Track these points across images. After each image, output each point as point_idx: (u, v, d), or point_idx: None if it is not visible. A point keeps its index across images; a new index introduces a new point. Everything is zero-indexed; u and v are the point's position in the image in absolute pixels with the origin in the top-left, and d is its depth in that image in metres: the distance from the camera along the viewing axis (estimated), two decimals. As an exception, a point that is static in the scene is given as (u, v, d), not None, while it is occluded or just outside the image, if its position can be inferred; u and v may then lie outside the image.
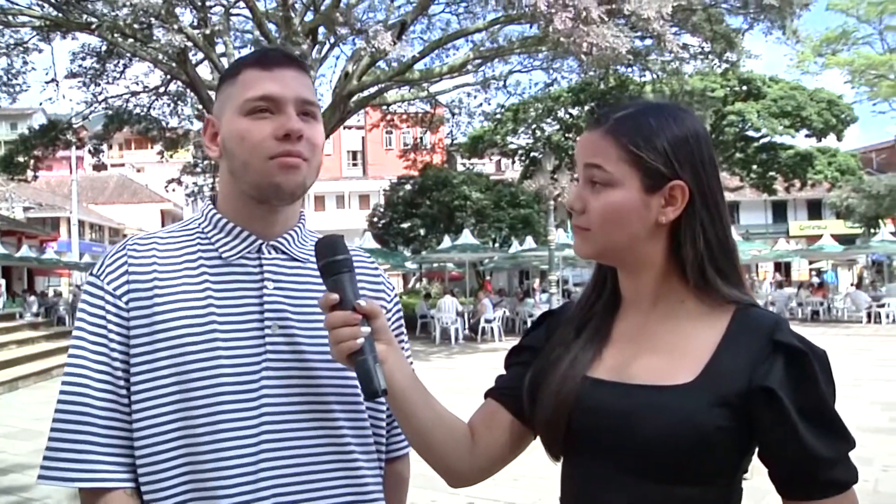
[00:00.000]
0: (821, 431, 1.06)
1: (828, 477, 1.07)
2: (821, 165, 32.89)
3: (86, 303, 1.27)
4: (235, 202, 1.32)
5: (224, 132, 1.30)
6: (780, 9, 16.26)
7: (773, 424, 1.07)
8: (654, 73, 21.24)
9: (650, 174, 1.15)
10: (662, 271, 1.20)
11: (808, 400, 1.07)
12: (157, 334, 1.22)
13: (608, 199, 1.16)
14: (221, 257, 1.30)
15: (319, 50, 17.84)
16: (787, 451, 1.07)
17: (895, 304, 22.22)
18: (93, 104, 20.98)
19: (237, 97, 1.28)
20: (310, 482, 1.24)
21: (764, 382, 1.07)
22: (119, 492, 1.19)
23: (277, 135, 1.24)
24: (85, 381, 1.22)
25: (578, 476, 1.21)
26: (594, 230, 1.19)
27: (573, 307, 1.34)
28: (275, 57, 1.31)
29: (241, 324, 1.25)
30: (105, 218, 46.77)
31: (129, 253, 1.29)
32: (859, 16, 24.92)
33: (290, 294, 1.30)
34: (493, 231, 26.60)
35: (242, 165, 1.27)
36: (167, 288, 1.25)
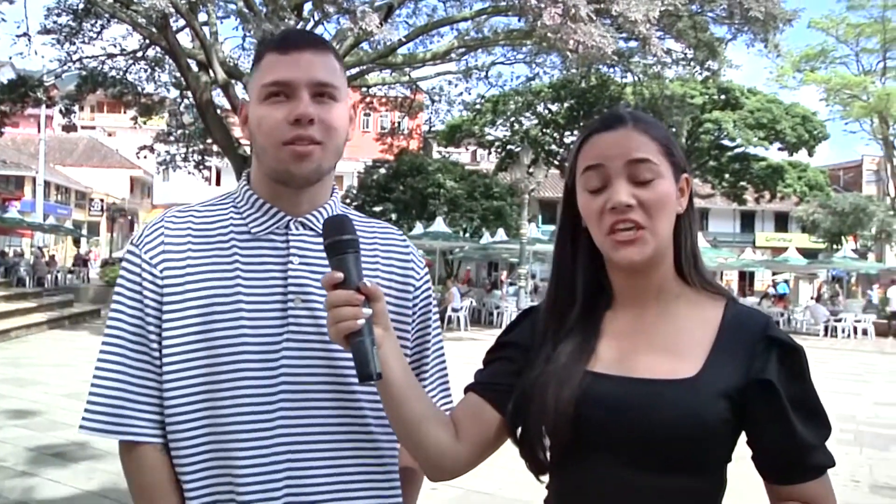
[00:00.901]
0: (808, 420, 1.15)
1: (812, 462, 1.16)
2: (791, 179, 33.42)
3: (125, 270, 1.34)
4: (263, 182, 1.37)
5: (249, 118, 1.34)
6: (765, 22, 16.45)
7: (769, 414, 1.14)
8: (635, 76, 21.40)
9: (676, 166, 1.23)
10: (670, 267, 1.24)
11: (799, 391, 1.15)
12: (188, 302, 1.29)
13: (660, 190, 1.19)
14: (251, 232, 1.35)
15: (303, 26, 17.65)
16: (779, 439, 1.15)
17: (851, 319, 22.73)
18: (66, 63, 20.50)
19: (257, 82, 1.32)
20: (324, 449, 1.29)
21: (762, 375, 1.14)
22: (150, 446, 1.29)
23: (289, 119, 1.28)
24: (122, 343, 1.30)
25: (573, 472, 1.21)
26: (650, 227, 1.18)
27: (555, 303, 1.31)
28: (294, 39, 1.34)
29: (265, 296, 1.30)
30: (72, 180, 45.83)
31: (165, 225, 1.36)
32: (838, 36, 25.33)
33: (315, 269, 1.33)
34: (464, 221, 26.58)
35: (262, 150, 1.32)
36: (199, 259, 1.32)
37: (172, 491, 1.28)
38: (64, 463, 5.59)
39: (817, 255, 32.93)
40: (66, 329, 15.95)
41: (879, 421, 8.69)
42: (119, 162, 49.49)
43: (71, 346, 12.93)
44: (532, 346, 1.29)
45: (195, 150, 24.47)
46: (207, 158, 25.04)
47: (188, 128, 23.90)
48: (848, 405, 9.62)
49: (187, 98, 21.93)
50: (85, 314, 18.36)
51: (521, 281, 20.28)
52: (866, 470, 6.41)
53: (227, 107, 19.21)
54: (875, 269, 30.43)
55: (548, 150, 32.84)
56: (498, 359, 1.33)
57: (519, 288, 20.15)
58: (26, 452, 5.90)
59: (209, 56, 16.46)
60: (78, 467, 5.48)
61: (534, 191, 20.55)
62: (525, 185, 19.73)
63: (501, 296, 23.30)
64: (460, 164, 31.44)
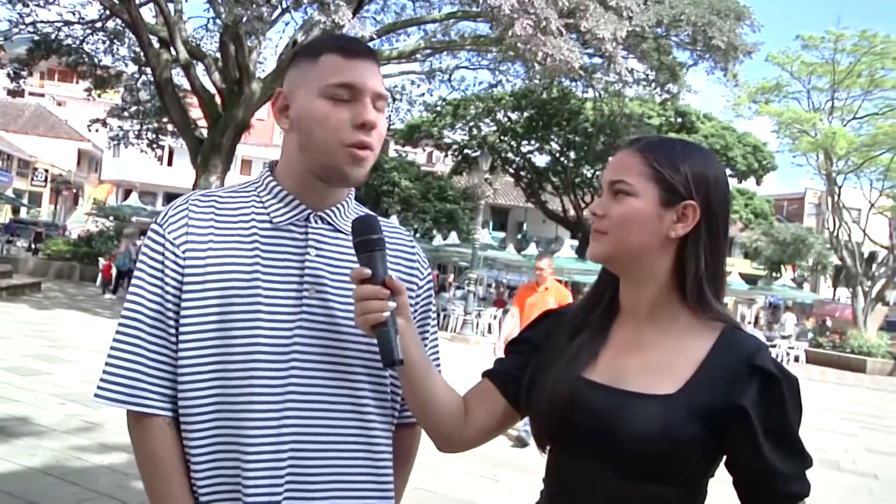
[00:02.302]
0: (782, 449, 1.20)
1: (784, 489, 1.21)
2: (738, 206, 34.32)
3: (147, 247, 1.38)
4: (295, 174, 1.41)
5: (300, 110, 1.37)
6: (726, 52, 16.94)
7: (742, 439, 1.20)
8: (597, 91, 21.73)
9: (667, 189, 1.28)
10: (664, 286, 1.31)
11: (774, 421, 1.20)
12: (208, 284, 1.34)
13: (627, 206, 1.29)
14: (272, 222, 1.40)
15: (271, 13, 17.49)
16: (751, 464, 1.20)
17: (785, 345, 23.46)
18: (18, 24, 19.71)
19: (318, 79, 1.35)
20: (327, 434, 1.36)
21: (738, 401, 1.20)
22: (160, 419, 1.33)
23: (355, 123, 1.33)
24: (140, 318, 1.35)
25: (562, 468, 1.32)
26: (610, 233, 1.30)
27: (572, 310, 1.45)
28: (357, 48, 1.38)
29: (282, 284, 1.36)
30: (16, 147, 44.39)
31: (190, 207, 1.40)
32: (793, 72, 26.06)
33: (330, 262, 1.40)
34: (416, 221, 26.70)
35: (317, 145, 1.35)
36: (221, 244, 1.37)
37: (179, 464, 1.33)
38: (5, 438, 5.44)
39: (757, 282, 33.85)
40: (4, 301, 15.45)
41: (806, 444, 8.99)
42: (67, 133, 48.18)
43: (9, 319, 12.55)
44: (545, 345, 1.40)
45: (149, 128, 23.99)
46: (162, 137, 24.60)
47: (144, 105, 23.41)
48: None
49: (146, 74, 21.52)
50: (24, 286, 17.82)
51: (471, 285, 20.42)
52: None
53: (186, 87, 18.89)
54: (810, 299, 31.47)
55: (504, 157, 33.09)
56: (513, 352, 1.46)
57: (468, 292, 20.27)
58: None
59: (172, 34, 16.23)
60: (19, 443, 5.35)
61: (489, 197, 20.70)
62: (482, 191, 19.86)
63: (449, 298, 23.40)
64: (416, 164, 31.56)
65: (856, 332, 24.21)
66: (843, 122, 26.10)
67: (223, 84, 17.18)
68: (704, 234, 1.30)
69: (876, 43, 24.02)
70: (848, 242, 26.04)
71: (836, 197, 26.03)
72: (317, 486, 1.35)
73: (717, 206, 1.30)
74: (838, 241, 26.16)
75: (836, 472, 7.77)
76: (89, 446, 5.44)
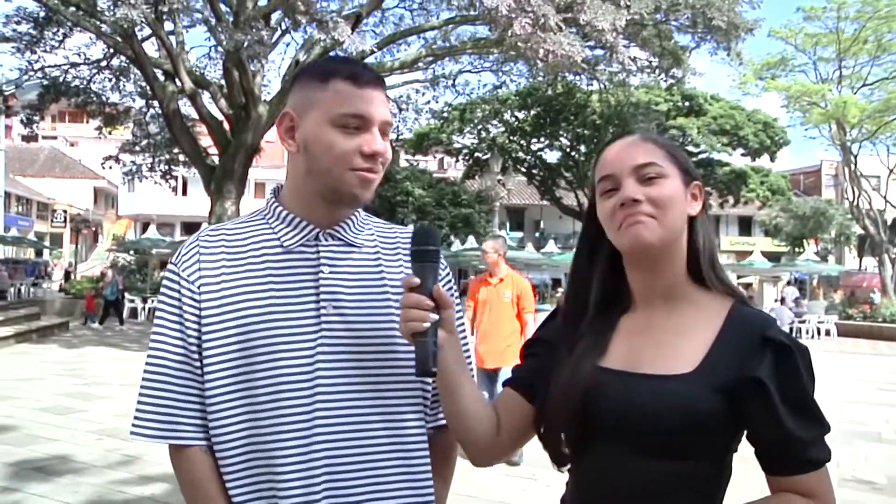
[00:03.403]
0: (800, 417, 1.23)
1: (805, 455, 1.23)
2: (754, 184, 34.05)
3: (165, 287, 1.44)
4: (304, 197, 1.45)
5: (309, 135, 1.39)
6: (727, 31, 16.81)
7: (760, 410, 1.23)
8: (601, 83, 21.64)
9: (684, 172, 1.35)
10: (681, 265, 1.35)
11: (790, 390, 1.23)
12: (225, 315, 1.38)
13: (666, 186, 1.32)
14: (283, 245, 1.43)
15: (271, 35, 17.59)
16: (771, 434, 1.23)
17: (815, 320, 23.22)
18: (27, 72, 20.05)
19: (328, 107, 1.37)
20: (360, 447, 1.37)
21: (754, 374, 1.23)
22: (196, 448, 1.38)
23: (364, 152, 1.37)
24: (165, 354, 1.40)
25: (590, 461, 1.33)
26: (659, 217, 1.30)
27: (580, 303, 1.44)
28: (367, 77, 1.40)
29: (298, 304, 1.38)
30: (34, 191, 45.00)
31: (200, 244, 1.45)
32: (797, 45, 25.88)
33: (345, 277, 1.43)
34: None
35: (325, 170, 1.39)
36: (233, 274, 1.41)
37: (219, 488, 1.37)
38: (46, 477, 5.53)
39: (780, 259, 33.54)
40: (35, 343, 15.68)
41: (844, 417, 8.91)
42: (82, 172, 48.75)
43: (41, 360, 12.73)
44: (558, 342, 1.41)
45: (161, 160, 24.16)
46: (174, 168, 24.75)
47: (154, 137, 23.57)
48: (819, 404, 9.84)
49: (153, 107, 21.67)
50: (53, 327, 18.06)
51: (492, 288, 20.34)
52: (833, 464, 6.58)
53: (194, 116, 19.04)
54: (836, 271, 31.13)
55: (515, 157, 33.05)
56: (529, 355, 1.48)
57: (490, 294, 20.20)
58: (7, 468, 5.82)
59: (176, 65, 16.35)
60: (61, 481, 5.43)
61: (503, 198, 20.68)
62: (495, 193, 19.86)
63: (472, 303, 23.35)
64: (428, 171, 31.57)
65: (886, 300, 23.93)
66: (854, 90, 25.89)
67: (230, 110, 17.29)
68: (706, 213, 1.38)
69: (880, 7, 23.81)
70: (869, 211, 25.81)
71: (853, 166, 25.79)
72: (354, 499, 1.36)
73: (703, 185, 1.38)
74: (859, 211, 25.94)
75: (879, 444, 7.70)
76: (130, 479, 5.51)
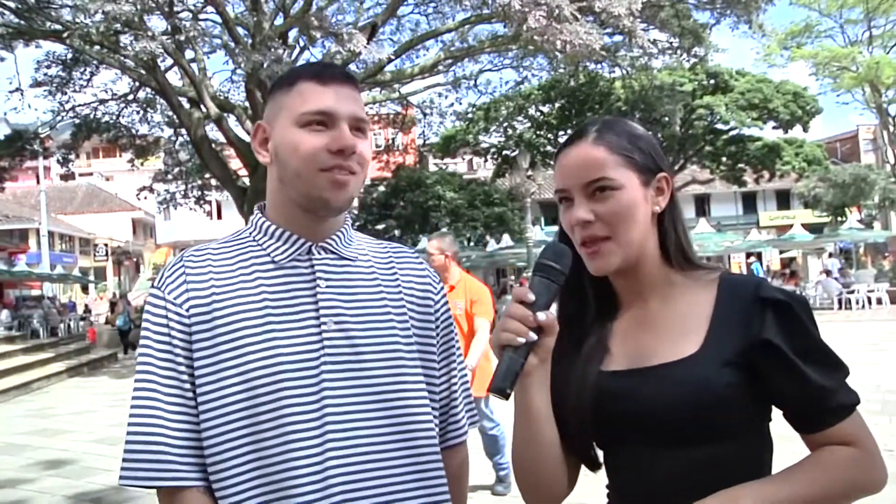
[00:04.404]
0: (818, 365, 1.19)
1: (835, 403, 1.20)
2: (788, 156, 33.38)
3: (150, 314, 1.32)
4: (284, 209, 1.38)
5: (277, 140, 1.34)
6: (746, 4, 16.56)
7: (777, 370, 1.19)
8: (623, 69, 21.42)
9: (642, 170, 1.28)
10: (655, 261, 1.31)
11: (801, 341, 1.20)
12: (219, 338, 1.28)
13: (619, 200, 1.26)
14: (274, 261, 1.35)
15: (290, 53, 17.76)
16: (795, 389, 1.19)
17: (864, 290, 22.68)
18: (59, 113, 20.66)
19: (293, 108, 1.33)
20: (375, 468, 1.28)
21: (760, 336, 1.19)
22: (193, 490, 1.25)
23: (331, 148, 1.30)
24: (154, 388, 1.27)
25: (620, 462, 1.29)
26: (614, 236, 1.26)
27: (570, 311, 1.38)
28: (331, 73, 1.36)
29: (297, 322, 1.30)
30: (75, 228, 45.98)
31: (186, 264, 1.35)
32: (821, 9, 25.40)
33: (342, 291, 1.35)
34: (468, 230, 26.66)
35: (294, 175, 1.32)
36: (224, 294, 1.31)
37: None
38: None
39: (822, 230, 32.87)
40: (86, 376, 16.00)
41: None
42: (119, 205, 49.65)
43: (92, 393, 12.98)
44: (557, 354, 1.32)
45: (194, 186, 24.57)
46: (207, 193, 25.14)
47: (185, 165, 24.02)
48: (870, 375, 9.61)
49: (182, 135, 22.05)
50: (102, 359, 18.44)
51: (530, 284, 20.25)
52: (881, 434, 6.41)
53: (221, 140, 19.31)
54: (882, 238, 30.36)
55: (543, 151, 32.89)
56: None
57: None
58: (65, 501, 5.95)
59: (200, 92, 16.59)
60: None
61: (534, 194, 20.60)
62: (526, 189, 19.78)
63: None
64: (458, 174, 31.58)
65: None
66: (886, 50, 25.24)
67: (256, 131, 17.47)
68: (674, 200, 1.33)
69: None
70: (912, 172, 25.10)
71: (892, 128, 25.15)
72: None
73: (670, 170, 1.32)
74: (901, 173, 25.23)
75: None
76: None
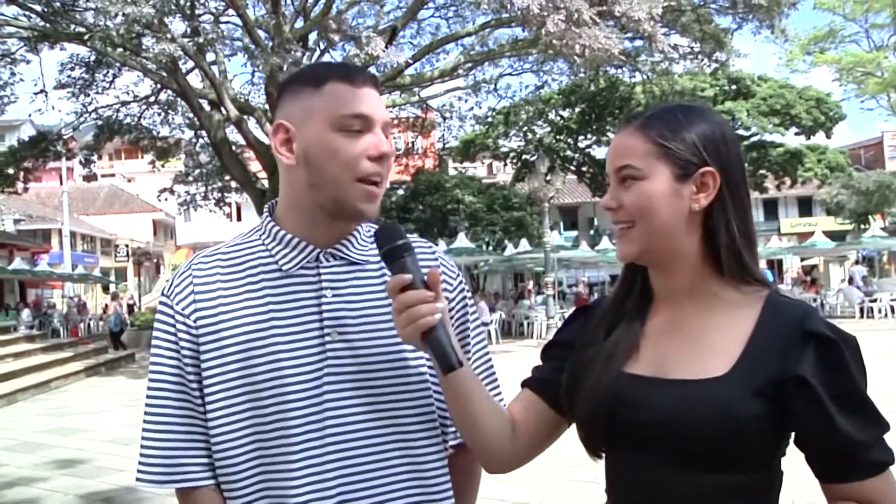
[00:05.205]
0: (854, 416, 1.11)
1: (864, 459, 1.11)
2: (811, 163, 33.03)
3: (159, 321, 1.36)
4: (302, 212, 1.35)
5: (308, 142, 1.30)
6: (769, 8, 16.37)
7: (808, 412, 1.11)
8: (644, 74, 21.33)
9: (679, 163, 1.20)
10: (697, 263, 1.23)
11: (840, 386, 1.11)
12: (225, 348, 1.30)
13: (640, 191, 1.21)
14: (281, 269, 1.35)
15: (310, 56, 17.83)
16: (823, 437, 1.11)
17: (887, 298, 22.36)
18: (82, 114, 20.91)
19: (327, 110, 1.29)
20: (374, 475, 1.30)
21: (796, 371, 1.11)
22: (205, 489, 1.31)
23: (371, 155, 1.28)
24: (164, 394, 1.33)
25: (623, 470, 1.25)
26: (637, 225, 1.22)
27: (605, 304, 1.37)
28: (362, 75, 1.33)
29: (301, 332, 1.31)
30: (97, 229, 46.49)
31: (193, 273, 1.37)
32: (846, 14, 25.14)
33: (349, 299, 1.34)
34: (486, 234, 26.58)
35: (331, 180, 1.29)
36: (230, 304, 1.33)
37: None
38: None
39: (845, 237, 32.49)
40: (103, 376, 16.12)
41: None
42: (140, 206, 50.13)
43: (109, 393, 13.07)
44: (578, 344, 1.33)
45: (214, 188, 24.75)
46: (227, 195, 25.30)
47: (205, 167, 24.19)
48: (891, 386, 9.44)
49: (202, 137, 22.20)
50: (120, 359, 18.57)
51: (548, 289, 20.22)
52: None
53: (241, 142, 19.42)
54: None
55: (563, 156, 32.78)
56: (549, 357, 1.39)
57: (547, 296, 20.07)
58: (77, 500, 5.97)
59: (220, 94, 16.68)
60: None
61: (553, 198, 20.51)
62: (544, 194, 19.70)
63: (530, 306, 23.23)
64: (477, 178, 31.52)
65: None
66: (911, 56, 24.91)
67: (275, 133, 17.55)
68: (728, 198, 1.21)
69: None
70: (938, 180, 24.74)
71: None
72: None
73: (733, 166, 1.23)
74: (927, 181, 24.88)
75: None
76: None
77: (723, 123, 1.26)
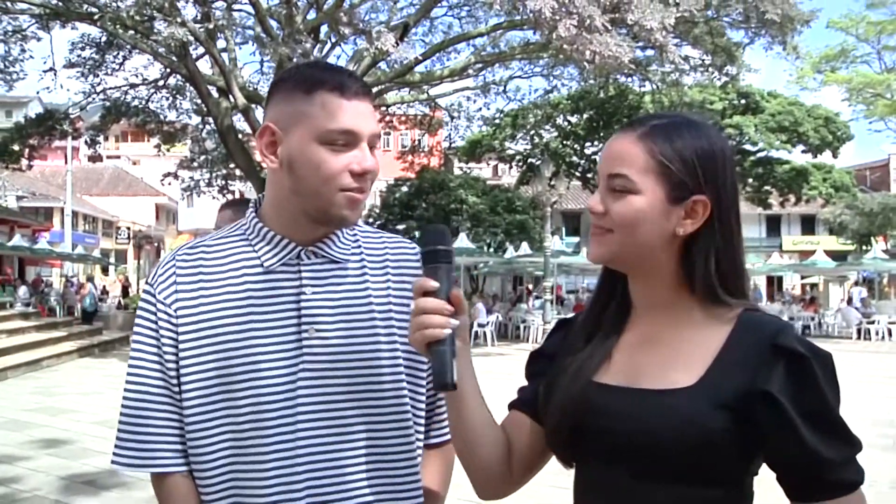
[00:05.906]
0: (823, 434, 1.08)
1: (833, 478, 1.09)
2: (816, 181, 32.99)
3: (142, 310, 1.39)
4: (286, 215, 1.36)
5: (293, 151, 1.30)
6: (782, 25, 16.31)
7: (775, 428, 1.09)
8: (653, 84, 21.29)
9: (676, 186, 1.17)
10: (673, 280, 1.21)
11: (809, 404, 1.08)
12: (202, 339, 1.33)
13: (630, 205, 1.18)
14: (263, 266, 1.36)
15: (321, 49, 17.81)
16: (791, 454, 1.09)
17: (885, 321, 22.33)
18: (90, 95, 20.87)
19: (315, 121, 1.28)
20: (343, 472, 1.32)
21: (763, 386, 1.09)
22: (178, 475, 1.34)
23: (354, 170, 1.29)
24: (143, 380, 1.35)
25: (590, 480, 1.23)
26: (616, 232, 1.19)
27: (584, 313, 1.35)
28: (353, 87, 1.31)
29: (278, 328, 1.32)
30: (99, 210, 46.55)
31: (177, 264, 1.39)
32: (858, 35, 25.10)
33: (328, 297, 1.36)
34: (488, 235, 26.56)
35: (312, 192, 1.30)
36: (211, 297, 1.35)
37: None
38: (95, 491, 5.64)
39: (846, 257, 32.46)
40: (96, 357, 16.11)
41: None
42: (144, 190, 50.20)
43: (100, 374, 13.06)
44: (559, 355, 1.31)
45: (218, 175, 24.70)
46: (230, 183, 25.27)
47: (210, 153, 24.16)
48: (886, 409, 9.43)
49: (209, 124, 22.18)
50: (114, 341, 18.55)
51: (546, 294, 20.20)
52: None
53: (247, 131, 19.41)
54: (907, 269, 29.87)
55: (569, 161, 32.75)
56: (533, 373, 1.37)
57: (545, 301, 20.05)
58: (59, 481, 5.96)
59: (229, 82, 16.65)
60: (109, 495, 5.53)
61: (556, 203, 20.49)
62: (547, 198, 19.68)
63: (527, 309, 23.21)
64: (482, 179, 31.50)
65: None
66: (922, 80, 24.87)
67: (282, 124, 17.53)
68: (717, 228, 1.18)
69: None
70: (942, 205, 24.70)
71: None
72: None
73: (727, 190, 1.19)
74: (931, 206, 24.84)
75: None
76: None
77: (725, 145, 1.22)
